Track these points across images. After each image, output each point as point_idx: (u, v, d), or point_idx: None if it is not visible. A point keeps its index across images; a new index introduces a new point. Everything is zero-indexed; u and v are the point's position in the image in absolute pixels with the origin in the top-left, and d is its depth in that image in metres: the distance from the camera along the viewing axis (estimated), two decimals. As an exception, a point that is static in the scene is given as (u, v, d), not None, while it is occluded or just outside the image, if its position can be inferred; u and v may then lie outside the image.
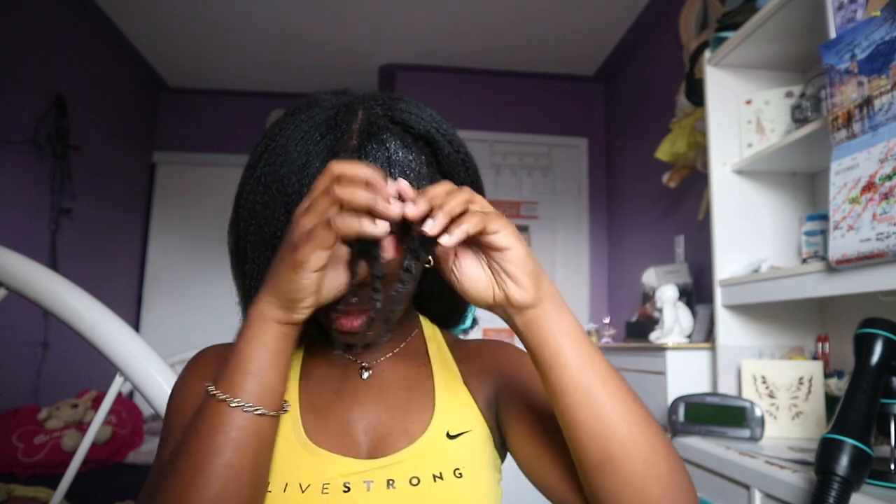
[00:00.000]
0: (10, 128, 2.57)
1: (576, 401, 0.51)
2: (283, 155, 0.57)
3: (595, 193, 3.68)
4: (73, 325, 0.88)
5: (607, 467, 0.50)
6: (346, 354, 0.66)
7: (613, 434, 0.50)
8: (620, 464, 0.50)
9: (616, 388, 0.52)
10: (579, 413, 0.51)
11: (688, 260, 2.53)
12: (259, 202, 0.58)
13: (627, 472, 0.50)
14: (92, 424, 0.92)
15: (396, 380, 0.65)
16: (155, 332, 3.73)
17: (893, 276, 1.12)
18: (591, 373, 0.51)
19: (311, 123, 0.58)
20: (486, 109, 3.65)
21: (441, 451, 0.60)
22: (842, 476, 0.87)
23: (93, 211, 3.23)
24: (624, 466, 0.50)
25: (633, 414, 0.51)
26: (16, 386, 2.69)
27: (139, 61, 3.62)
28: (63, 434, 2.39)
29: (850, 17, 1.24)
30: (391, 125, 0.59)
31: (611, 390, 0.51)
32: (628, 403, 0.51)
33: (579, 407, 0.51)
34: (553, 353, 0.51)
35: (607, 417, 0.50)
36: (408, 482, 0.57)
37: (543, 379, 0.53)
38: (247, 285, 0.62)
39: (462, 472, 0.59)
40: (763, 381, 1.52)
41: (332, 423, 0.61)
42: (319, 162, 0.56)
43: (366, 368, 0.66)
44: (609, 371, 0.53)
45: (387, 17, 3.12)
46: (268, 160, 0.58)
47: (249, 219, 0.59)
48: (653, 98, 2.97)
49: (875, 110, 1.16)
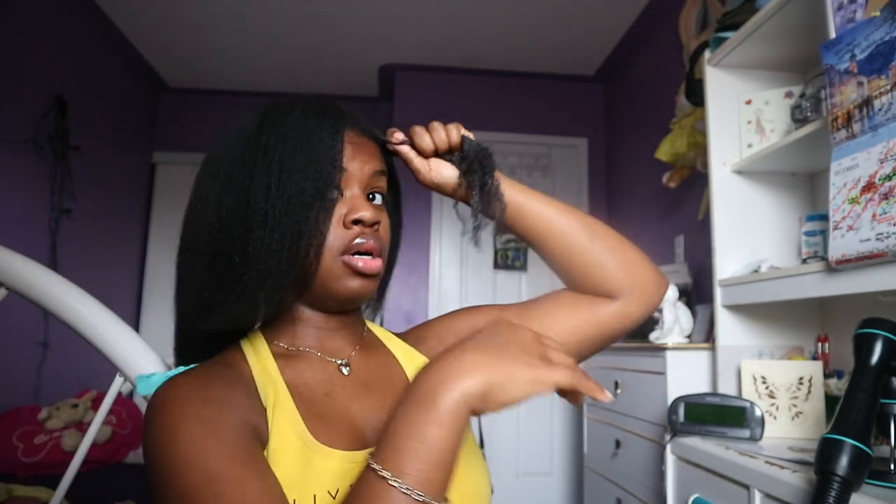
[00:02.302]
0: (10, 128, 2.57)
1: (556, 211, 0.73)
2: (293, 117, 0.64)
3: (595, 193, 3.68)
4: (74, 325, 0.88)
5: (597, 234, 0.73)
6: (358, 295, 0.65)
7: (588, 217, 0.75)
8: (603, 230, 0.74)
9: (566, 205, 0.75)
10: (563, 215, 0.73)
11: (688, 260, 2.54)
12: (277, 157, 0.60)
13: (609, 233, 0.74)
14: (92, 424, 0.92)
15: (373, 372, 0.68)
16: (155, 332, 3.72)
17: (893, 276, 1.12)
18: (551, 201, 0.74)
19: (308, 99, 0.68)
20: (486, 109, 3.65)
21: None
22: (841, 476, 0.87)
23: (93, 211, 3.23)
24: (605, 232, 0.74)
25: (579, 211, 0.75)
26: (16, 386, 2.69)
27: (139, 61, 3.62)
28: (63, 434, 2.39)
29: (850, 17, 1.24)
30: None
31: (568, 205, 0.75)
32: (576, 209, 0.75)
33: (561, 213, 0.73)
34: (523, 202, 0.73)
35: (574, 213, 0.74)
36: None
37: (523, 223, 0.73)
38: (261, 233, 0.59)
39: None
40: (763, 381, 1.52)
41: (336, 424, 0.61)
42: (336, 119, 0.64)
43: (344, 365, 0.67)
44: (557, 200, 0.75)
45: (387, 18, 3.12)
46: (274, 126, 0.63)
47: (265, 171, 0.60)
48: (653, 98, 2.97)
49: (875, 110, 1.16)
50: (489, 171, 0.70)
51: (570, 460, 3.35)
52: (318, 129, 0.63)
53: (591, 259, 0.73)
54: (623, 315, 0.74)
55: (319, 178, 0.61)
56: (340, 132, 0.63)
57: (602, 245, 0.73)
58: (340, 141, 0.63)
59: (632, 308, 0.74)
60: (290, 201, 0.59)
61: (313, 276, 0.62)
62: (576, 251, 0.73)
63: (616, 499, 2.08)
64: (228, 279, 0.61)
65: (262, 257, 0.59)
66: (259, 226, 0.59)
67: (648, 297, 0.74)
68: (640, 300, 0.74)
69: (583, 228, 0.73)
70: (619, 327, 0.74)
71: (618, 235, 0.75)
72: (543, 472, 3.34)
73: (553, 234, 0.73)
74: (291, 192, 0.60)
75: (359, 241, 0.63)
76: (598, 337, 0.74)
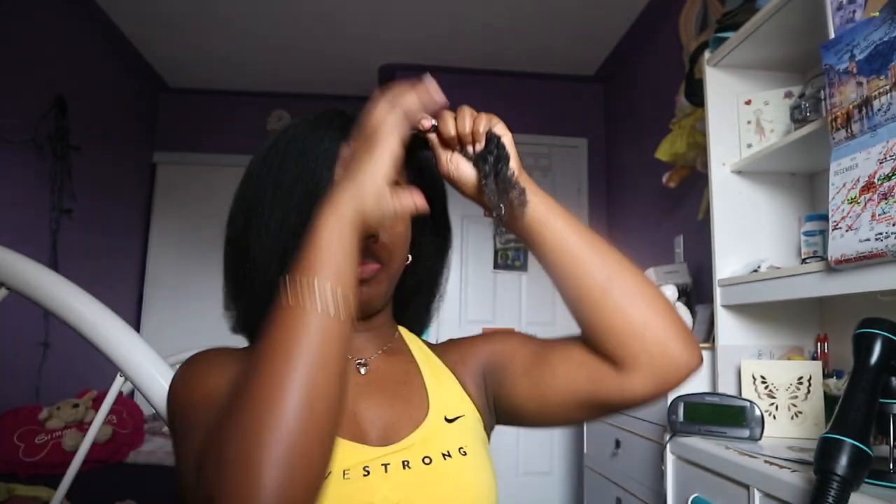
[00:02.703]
0: (10, 128, 2.57)
1: (574, 246, 0.63)
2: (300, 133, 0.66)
3: (595, 193, 3.68)
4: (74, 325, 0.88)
5: (613, 287, 0.62)
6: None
7: (609, 260, 0.63)
8: (622, 282, 0.62)
9: (597, 236, 0.65)
10: (580, 253, 0.63)
11: (687, 260, 2.54)
12: (278, 168, 0.65)
13: (629, 285, 0.62)
14: (93, 424, 0.92)
15: (390, 374, 0.70)
16: (155, 332, 3.73)
17: (892, 275, 1.12)
18: (578, 226, 0.65)
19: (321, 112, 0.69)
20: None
21: (443, 433, 0.66)
22: (841, 476, 0.87)
23: (93, 211, 3.23)
24: (625, 282, 0.62)
25: (615, 250, 0.64)
26: (16, 386, 2.69)
27: (139, 61, 3.62)
28: (64, 434, 2.39)
29: (849, 17, 1.24)
30: None
31: (595, 237, 0.65)
32: (608, 245, 0.65)
33: (578, 249, 0.63)
34: (546, 220, 0.64)
35: (601, 250, 0.63)
36: (421, 462, 0.62)
37: (542, 244, 0.64)
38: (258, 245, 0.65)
39: (466, 450, 0.65)
40: (762, 380, 1.52)
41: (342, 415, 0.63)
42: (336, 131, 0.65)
43: (362, 364, 0.70)
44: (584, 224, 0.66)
45: (387, 18, 3.12)
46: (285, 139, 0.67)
47: (265, 185, 0.65)
48: (653, 98, 2.97)
49: (874, 111, 1.16)
50: (504, 160, 0.63)
51: (570, 460, 3.35)
52: (316, 141, 0.64)
53: (599, 314, 0.62)
54: (625, 391, 0.62)
55: (313, 190, 0.62)
56: (336, 143, 0.64)
57: (619, 296, 0.61)
58: (335, 152, 0.64)
59: (636, 385, 0.61)
60: (286, 214, 0.63)
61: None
62: (584, 298, 0.63)
63: (616, 498, 2.08)
64: (242, 290, 0.68)
65: (264, 269, 0.64)
66: (259, 238, 0.64)
67: (663, 377, 0.61)
68: (650, 379, 0.61)
69: (601, 270, 0.62)
70: (620, 404, 0.63)
71: (648, 291, 0.62)
72: (543, 471, 3.34)
73: (565, 266, 0.63)
74: (289, 204, 0.63)
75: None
76: (597, 409, 0.65)
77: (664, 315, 0.62)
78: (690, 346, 0.62)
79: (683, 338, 0.62)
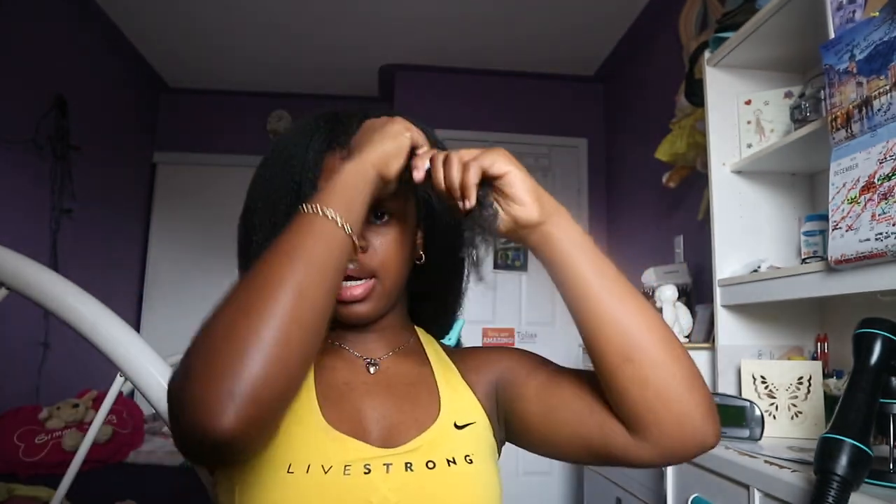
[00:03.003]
0: (10, 128, 2.57)
1: (598, 300, 0.57)
2: (290, 138, 0.68)
3: (595, 194, 3.68)
4: (74, 325, 0.88)
5: (634, 356, 0.56)
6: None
7: (635, 324, 0.57)
8: (645, 351, 0.56)
9: (628, 287, 0.59)
10: (603, 311, 0.57)
11: (687, 260, 2.54)
12: (267, 179, 0.67)
13: (651, 357, 0.56)
14: (93, 424, 0.92)
15: (401, 375, 0.69)
16: (155, 332, 3.72)
17: (892, 276, 1.12)
18: (606, 275, 0.58)
19: (317, 115, 0.70)
20: (486, 109, 3.65)
21: (451, 439, 0.65)
22: (841, 476, 0.87)
23: (93, 211, 3.23)
24: (648, 353, 0.56)
25: (647, 307, 0.58)
26: (16, 386, 2.69)
27: (139, 61, 3.62)
28: (64, 434, 2.39)
29: (849, 17, 1.24)
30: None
31: (625, 289, 0.58)
32: (640, 299, 0.59)
33: (602, 305, 0.57)
34: (570, 262, 0.58)
35: (628, 309, 0.57)
36: (424, 465, 0.61)
37: (564, 288, 0.59)
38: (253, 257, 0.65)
39: (472, 459, 0.64)
40: (762, 380, 1.52)
41: (347, 411, 0.64)
42: (322, 140, 0.65)
43: (372, 364, 0.69)
44: (619, 274, 0.59)
45: (387, 18, 3.12)
46: (277, 147, 0.69)
47: (258, 197, 0.68)
48: (652, 98, 2.97)
49: (874, 111, 1.16)
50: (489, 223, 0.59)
51: (570, 460, 3.35)
52: (301, 150, 0.65)
53: (615, 381, 0.57)
54: (630, 454, 0.59)
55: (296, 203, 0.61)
56: (321, 154, 0.65)
57: (640, 367, 0.56)
58: (319, 163, 0.64)
59: (643, 453, 0.58)
60: (273, 229, 0.63)
61: None
62: (601, 358, 0.58)
63: (616, 498, 2.08)
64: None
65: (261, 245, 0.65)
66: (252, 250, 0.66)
67: (672, 452, 0.57)
68: (659, 451, 0.57)
69: (623, 334, 0.56)
70: (623, 463, 0.60)
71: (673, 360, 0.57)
72: (543, 471, 3.34)
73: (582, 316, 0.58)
74: (274, 219, 0.64)
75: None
76: (602, 458, 0.62)
77: (687, 392, 0.56)
78: (709, 425, 0.57)
79: (703, 417, 0.56)
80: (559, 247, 0.58)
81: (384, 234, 0.66)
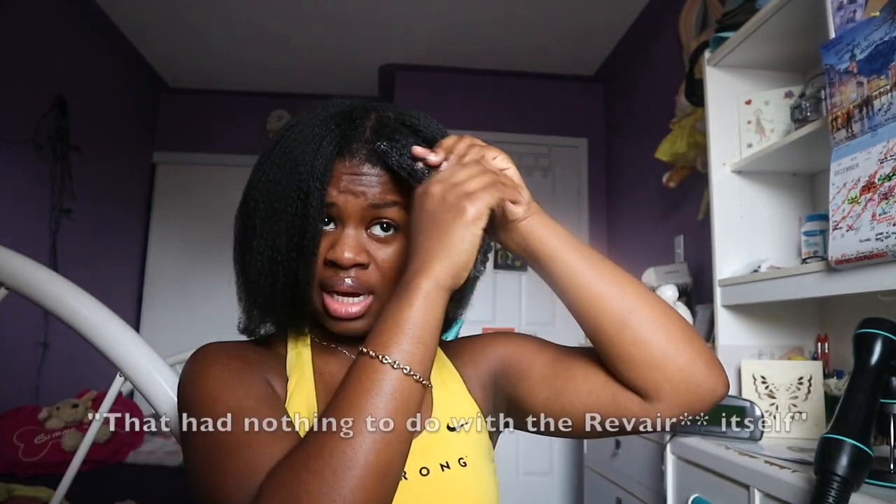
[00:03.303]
0: (10, 128, 2.57)
1: (588, 278, 0.60)
2: (298, 139, 0.62)
3: (595, 194, 3.68)
4: (74, 325, 0.88)
5: (630, 321, 0.59)
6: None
7: (626, 293, 0.60)
8: (640, 313, 0.59)
9: (612, 265, 0.62)
10: (594, 286, 0.60)
11: (687, 260, 2.54)
12: (271, 181, 0.62)
13: (647, 316, 0.59)
14: (92, 424, 0.92)
15: None
16: (155, 332, 3.73)
17: (893, 276, 1.12)
18: (592, 257, 0.61)
19: (327, 114, 0.64)
20: (486, 109, 3.65)
21: (444, 442, 0.64)
22: (841, 476, 0.87)
23: (93, 211, 3.23)
24: (643, 314, 0.59)
25: (633, 279, 0.62)
26: (16, 386, 2.69)
27: (139, 61, 3.62)
28: (63, 434, 2.39)
29: (850, 17, 1.24)
30: (402, 127, 0.64)
31: (612, 266, 0.62)
32: (626, 274, 0.62)
33: (593, 282, 0.60)
34: (557, 251, 0.60)
35: (617, 282, 0.60)
36: (418, 472, 0.61)
37: (555, 278, 0.61)
38: (251, 261, 0.64)
39: (466, 461, 0.63)
40: (763, 380, 1.52)
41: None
42: (332, 146, 0.61)
43: None
44: (602, 256, 0.63)
45: (387, 18, 3.12)
46: (283, 145, 0.63)
47: (260, 198, 0.63)
48: (653, 98, 2.97)
49: (875, 110, 1.16)
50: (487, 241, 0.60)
51: (570, 460, 3.35)
52: (310, 155, 0.60)
53: (618, 348, 0.60)
54: (649, 419, 0.61)
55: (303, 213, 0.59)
56: (331, 161, 0.60)
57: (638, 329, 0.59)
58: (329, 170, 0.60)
59: (661, 413, 0.60)
60: (276, 237, 0.61)
61: (302, 306, 0.63)
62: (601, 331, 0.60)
63: (616, 499, 2.08)
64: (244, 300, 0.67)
65: (257, 290, 0.64)
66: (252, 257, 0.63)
67: (688, 405, 0.60)
68: (675, 408, 0.60)
69: (618, 304, 0.59)
70: (642, 429, 0.62)
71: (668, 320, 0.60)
72: (543, 471, 3.34)
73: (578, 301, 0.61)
74: (278, 227, 0.61)
75: (338, 282, 0.61)
76: (617, 429, 0.64)
77: (686, 344, 0.59)
78: (715, 373, 0.60)
79: (707, 365, 0.60)
80: (543, 238, 0.61)
81: (387, 248, 0.63)
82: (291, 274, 0.61)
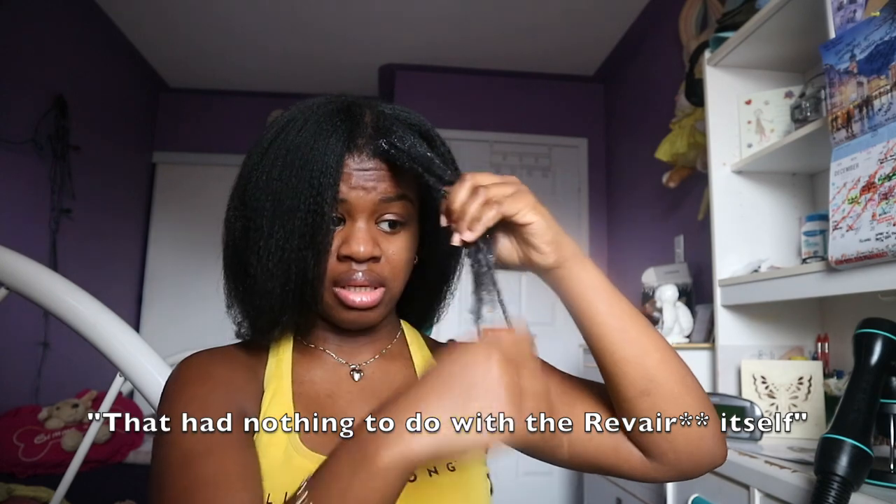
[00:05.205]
0: (10, 128, 2.57)
1: (614, 339, 0.58)
2: (300, 136, 0.60)
3: (595, 194, 3.68)
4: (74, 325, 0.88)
5: (651, 390, 0.58)
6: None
7: (650, 361, 0.58)
8: (662, 386, 0.58)
9: (644, 324, 0.60)
10: (619, 350, 0.58)
11: (687, 260, 2.54)
12: (276, 179, 0.60)
13: (667, 390, 0.58)
14: (92, 424, 0.92)
15: (385, 382, 0.67)
16: (155, 332, 3.73)
17: (893, 276, 1.12)
18: (622, 315, 0.59)
19: (326, 111, 0.63)
20: (486, 109, 3.65)
21: None
22: (841, 476, 0.87)
23: (93, 211, 3.23)
24: (664, 387, 0.58)
25: (661, 342, 0.60)
26: (16, 386, 2.69)
27: (139, 61, 3.62)
28: (63, 434, 2.39)
29: (850, 17, 1.24)
30: (397, 122, 0.64)
31: (641, 326, 0.59)
32: (655, 335, 0.60)
33: (618, 344, 0.58)
34: (586, 304, 0.59)
35: (644, 348, 0.59)
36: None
37: (581, 326, 0.60)
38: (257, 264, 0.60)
39: (454, 466, 0.62)
40: (763, 381, 1.52)
41: (328, 429, 0.61)
42: (341, 143, 0.60)
43: (356, 371, 0.67)
44: (635, 311, 0.60)
45: (387, 17, 3.12)
46: (281, 143, 0.61)
47: (264, 197, 0.60)
48: (653, 98, 2.97)
49: (875, 110, 1.16)
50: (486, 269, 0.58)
51: (570, 460, 3.35)
52: (319, 153, 0.59)
53: (632, 411, 0.60)
54: (644, 474, 0.62)
55: (317, 210, 0.59)
56: (341, 158, 0.59)
57: (657, 401, 0.58)
58: (340, 167, 0.59)
59: (657, 474, 0.62)
60: (288, 237, 0.59)
61: (313, 304, 0.62)
62: (618, 391, 0.60)
63: (616, 499, 2.08)
64: (241, 302, 0.65)
65: (266, 293, 0.61)
66: (259, 258, 0.60)
67: (685, 472, 0.62)
68: (672, 473, 0.62)
69: (642, 372, 0.58)
70: (634, 479, 0.63)
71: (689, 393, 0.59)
72: (543, 471, 3.34)
73: (599, 353, 0.60)
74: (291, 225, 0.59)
75: (351, 276, 0.61)
76: (612, 470, 0.64)
77: (700, 420, 0.59)
78: (719, 448, 0.60)
79: (714, 439, 0.60)
80: (574, 289, 0.59)
81: (396, 242, 0.63)
82: (302, 273, 0.60)
